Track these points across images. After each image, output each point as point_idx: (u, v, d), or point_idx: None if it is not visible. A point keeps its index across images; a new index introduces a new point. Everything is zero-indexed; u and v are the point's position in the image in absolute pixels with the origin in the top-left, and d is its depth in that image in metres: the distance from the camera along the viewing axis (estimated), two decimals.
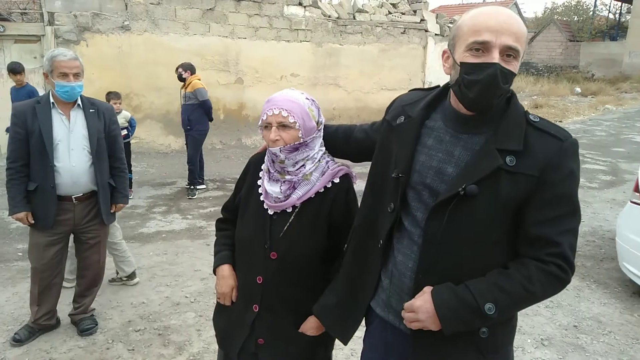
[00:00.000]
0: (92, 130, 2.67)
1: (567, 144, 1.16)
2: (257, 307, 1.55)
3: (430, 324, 1.17)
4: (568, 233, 1.17)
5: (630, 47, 23.46)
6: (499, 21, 1.10)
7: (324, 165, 1.53)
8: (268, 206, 1.53)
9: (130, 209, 5.39)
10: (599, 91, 18.75)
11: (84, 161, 2.67)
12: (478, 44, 1.10)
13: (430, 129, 1.28)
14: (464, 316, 1.15)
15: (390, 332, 1.35)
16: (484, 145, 1.17)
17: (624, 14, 29.00)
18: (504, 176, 1.13)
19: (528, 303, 1.20)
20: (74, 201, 2.69)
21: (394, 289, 1.31)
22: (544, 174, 1.13)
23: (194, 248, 4.39)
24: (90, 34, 7.73)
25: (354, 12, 10.32)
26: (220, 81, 8.91)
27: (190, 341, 2.92)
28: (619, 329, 3.19)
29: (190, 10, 8.42)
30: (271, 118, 1.44)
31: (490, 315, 1.13)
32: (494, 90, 1.12)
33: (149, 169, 7.35)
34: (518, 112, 1.20)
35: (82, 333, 2.90)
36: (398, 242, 1.30)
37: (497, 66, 1.09)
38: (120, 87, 8.04)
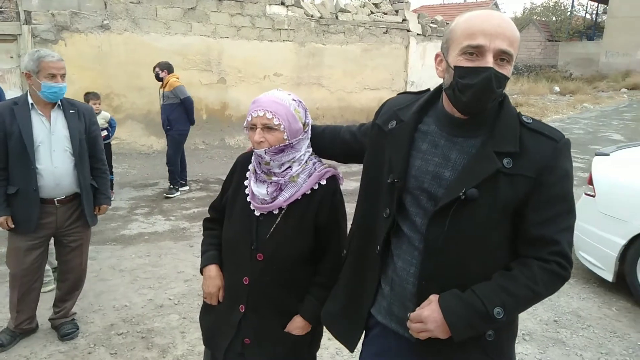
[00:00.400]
0: (73, 131, 2.63)
1: (561, 144, 1.18)
2: (243, 308, 1.55)
3: (440, 332, 1.16)
4: (566, 231, 1.19)
5: (607, 46, 24.01)
6: (494, 25, 1.10)
7: (310, 167, 1.54)
8: (255, 207, 1.53)
9: (112, 211, 5.31)
10: (576, 90, 19.14)
11: (67, 163, 2.62)
12: (472, 48, 1.11)
13: (424, 133, 1.27)
14: (473, 322, 1.15)
15: (392, 339, 1.34)
16: (481, 148, 1.18)
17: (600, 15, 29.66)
18: (502, 178, 1.14)
19: (533, 302, 1.21)
20: (56, 204, 2.64)
21: (396, 296, 1.30)
22: (541, 176, 1.15)
23: (177, 249, 4.35)
24: (69, 33, 7.59)
25: (336, 11, 10.35)
26: (202, 81, 8.85)
27: (174, 344, 2.89)
28: (598, 323, 3.27)
29: (171, 9, 8.33)
30: (256, 119, 1.44)
31: (499, 319, 1.13)
32: (489, 95, 1.12)
33: (131, 170, 7.26)
34: (511, 114, 1.21)
35: (63, 338, 2.85)
36: (397, 247, 1.29)
37: (492, 70, 1.09)
38: (100, 88, 7.93)
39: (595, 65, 24.18)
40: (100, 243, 4.42)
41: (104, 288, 3.56)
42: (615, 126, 12.20)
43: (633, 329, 3.20)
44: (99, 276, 3.74)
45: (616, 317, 3.36)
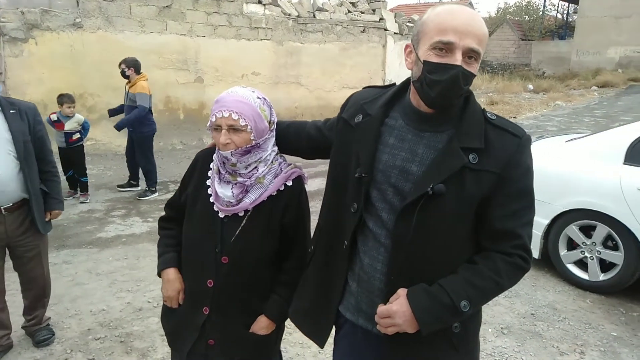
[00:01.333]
0: (16, 132, 2.41)
1: (523, 140, 1.21)
2: (207, 310, 1.52)
3: (408, 327, 1.18)
4: (527, 225, 1.24)
5: (578, 45, 24.65)
6: (465, 23, 1.12)
7: (276, 168, 1.51)
8: (219, 209, 1.48)
9: (88, 213, 5.21)
10: (549, 88, 19.57)
11: (11, 167, 2.41)
12: (442, 44, 1.12)
13: (391, 127, 1.28)
14: (441, 316, 1.18)
15: (361, 336, 1.35)
16: (448, 143, 1.19)
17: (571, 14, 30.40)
18: (468, 173, 1.17)
19: (497, 294, 1.25)
20: (2, 212, 2.44)
21: (363, 292, 1.30)
22: (505, 171, 1.18)
23: (155, 251, 4.21)
24: (40, 32, 7.39)
25: (314, 10, 10.34)
26: (179, 80, 8.73)
27: (154, 347, 2.85)
28: (573, 315, 3.35)
29: (145, 7, 8.19)
30: (221, 120, 1.39)
31: (465, 311, 1.17)
32: (456, 91, 1.15)
33: (107, 172, 7.11)
34: (476, 110, 1.24)
35: (38, 344, 2.77)
36: (363, 244, 1.29)
37: (460, 68, 1.11)
38: (73, 87, 7.75)
39: (567, 63, 24.79)
40: (76, 246, 4.32)
41: (80, 292, 3.48)
42: (586, 123, 12.52)
43: (607, 320, 3.30)
44: (75, 280, 3.66)
45: (590, 309, 3.45)
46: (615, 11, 23.34)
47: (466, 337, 1.29)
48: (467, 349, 1.31)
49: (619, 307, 3.48)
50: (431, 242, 1.20)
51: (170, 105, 8.74)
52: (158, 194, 6.03)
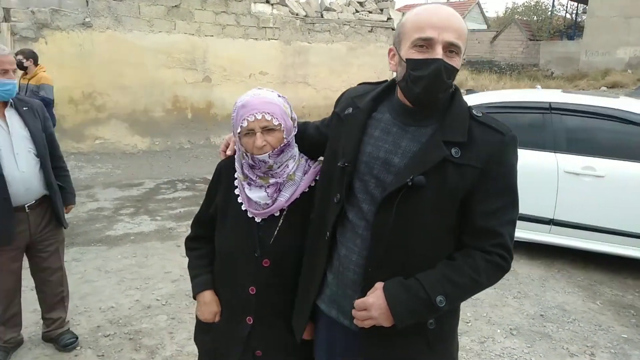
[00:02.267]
0: (34, 130, 2.45)
1: (508, 137, 1.21)
2: (251, 319, 1.48)
3: (383, 320, 1.18)
4: (509, 224, 1.23)
5: (587, 46, 24.43)
6: (441, 18, 1.14)
7: (304, 164, 1.50)
8: (254, 214, 1.45)
9: (97, 212, 5.24)
10: (558, 88, 19.42)
11: (32, 165, 2.43)
12: (422, 40, 1.14)
13: (378, 120, 1.30)
14: (416, 310, 1.17)
15: (334, 328, 1.35)
16: (431, 137, 1.21)
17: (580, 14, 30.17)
18: (450, 167, 1.17)
19: (475, 292, 1.25)
20: (27, 210, 2.46)
21: (339, 284, 1.31)
22: (488, 166, 1.18)
23: (163, 250, 4.30)
24: (50, 31, 7.45)
25: (321, 10, 10.34)
26: (187, 79, 8.77)
27: (162, 344, 2.86)
28: (583, 317, 3.32)
29: (154, 7, 8.24)
30: (253, 124, 1.37)
31: (441, 307, 1.16)
32: (439, 85, 1.16)
33: (115, 170, 7.15)
34: (462, 107, 1.24)
35: (65, 348, 2.72)
36: (341, 235, 1.30)
37: (441, 62, 1.13)
38: (82, 86, 7.83)
39: (575, 64, 24.58)
40: (85, 244, 4.35)
41: (90, 290, 3.50)
42: None
43: (617, 322, 3.27)
44: (84, 278, 3.68)
45: (600, 310, 3.42)
46: (625, 11, 23.12)
47: (441, 334, 1.28)
48: (443, 347, 1.31)
49: (629, 309, 3.45)
50: (410, 234, 1.20)
51: (178, 105, 8.78)
52: (168, 193, 6.06)
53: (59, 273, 2.76)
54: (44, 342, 2.80)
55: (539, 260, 4.27)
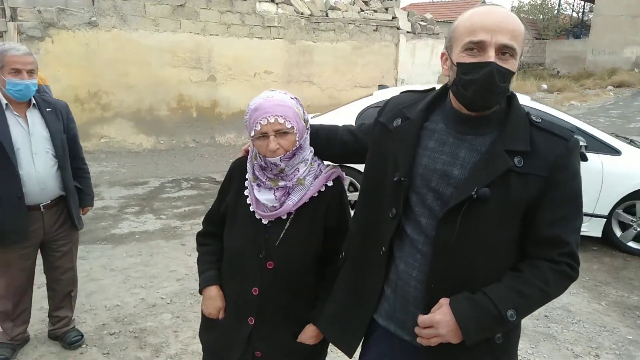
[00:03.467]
0: (54, 131, 2.46)
1: (571, 143, 1.17)
2: (252, 320, 1.49)
3: (451, 337, 1.13)
4: (575, 232, 1.18)
5: (593, 45, 24.29)
6: (495, 20, 1.10)
7: (316, 169, 1.48)
8: (261, 216, 1.46)
9: (102, 210, 5.27)
10: (564, 88, 19.34)
11: (49, 165, 2.46)
12: (473, 44, 1.10)
13: (431, 131, 1.25)
14: (486, 325, 1.13)
15: (393, 343, 1.31)
16: (491, 146, 1.16)
17: (586, 13, 29.99)
18: (513, 177, 1.13)
19: (544, 303, 1.20)
20: (42, 209, 2.49)
21: (398, 299, 1.27)
22: (553, 175, 1.14)
23: (168, 248, 4.32)
24: (56, 30, 7.49)
25: (326, 9, 10.34)
26: (192, 78, 8.79)
27: (167, 343, 2.87)
28: (587, 318, 3.31)
29: (160, 6, 8.26)
30: (266, 127, 1.36)
31: (512, 321, 1.11)
32: (492, 89, 1.11)
33: (120, 169, 7.18)
34: (520, 113, 1.20)
35: (70, 346, 2.75)
36: (398, 250, 1.26)
37: (493, 65, 1.09)
38: (88, 85, 7.87)
39: (582, 63, 24.45)
40: (91, 242, 4.37)
41: (95, 288, 3.52)
42: (602, 123, 12.35)
43: (622, 323, 3.25)
44: (90, 276, 3.71)
45: (605, 311, 3.41)
46: (632, 10, 22.96)
47: (508, 348, 1.25)
48: (507, 358, 1.27)
49: (635, 310, 3.44)
50: (474, 248, 1.15)
51: (183, 104, 8.80)
52: (172, 191, 6.08)
53: (71, 273, 2.78)
54: (50, 339, 2.82)
55: None
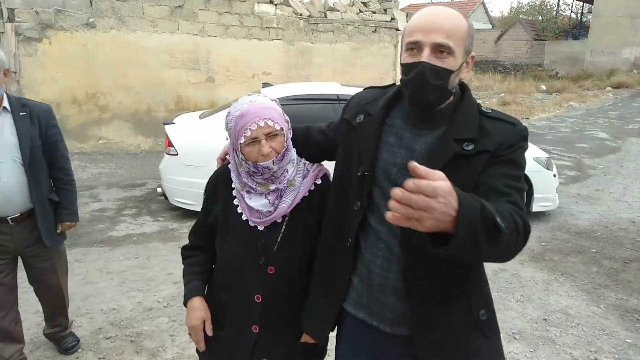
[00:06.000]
0: (23, 137, 2.23)
1: (519, 127, 1.23)
2: (257, 328, 1.47)
3: (442, 212, 0.86)
4: (516, 190, 1.15)
5: (592, 46, 24.30)
6: (431, 20, 1.16)
7: (303, 168, 1.48)
8: (256, 223, 1.44)
9: (99, 212, 5.25)
10: (563, 89, 19.35)
11: (17, 175, 2.24)
12: (412, 44, 1.17)
13: (391, 126, 1.31)
14: (480, 216, 0.93)
15: (362, 329, 1.36)
16: (442, 136, 1.22)
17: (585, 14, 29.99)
18: (461, 162, 1.18)
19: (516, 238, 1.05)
20: (10, 223, 2.28)
21: (365, 287, 1.33)
22: (498, 150, 1.19)
23: (166, 251, 4.30)
24: (54, 31, 7.46)
25: (325, 10, 10.32)
26: (190, 80, 8.77)
27: (163, 347, 2.85)
28: (586, 321, 3.30)
29: (158, 7, 8.24)
30: (257, 132, 1.34)
31: (502, 228, 0.96)
32: (424, 87, 1.17)
33: (118, 170, 7.16)
34: (471, 105, 1.26)
35: (66, 352, 2.72)
36: (364, 240, 1.32)
37: (423, 64, 1.15)
38: (86, 87, 7.85)
39: (580, 64, 24.46)
40: (87, 245, 4.35)
41: (92, 291, 3.50)
42: (600, 124, 12.35)
43: (621, 327, 3.24)
44: (87, 279, 3.69)
45: (604, 314, 3.40)
46: (631, 11, 22.98)
47: (495, 327, 1.31)
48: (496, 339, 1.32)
49: (634, 313, 3.42)
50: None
51: (182, 105, 8.78)
52: None
53: (57, 290, 2.60)
54: (46, 341, 2.80)
55: (542, 263, 4.24)
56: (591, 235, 4.98)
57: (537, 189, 5.17)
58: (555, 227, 5.18)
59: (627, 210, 5.83)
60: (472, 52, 1.24)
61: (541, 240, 4.81)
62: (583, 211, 5.75)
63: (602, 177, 7.39)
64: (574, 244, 4.71)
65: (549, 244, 4.70)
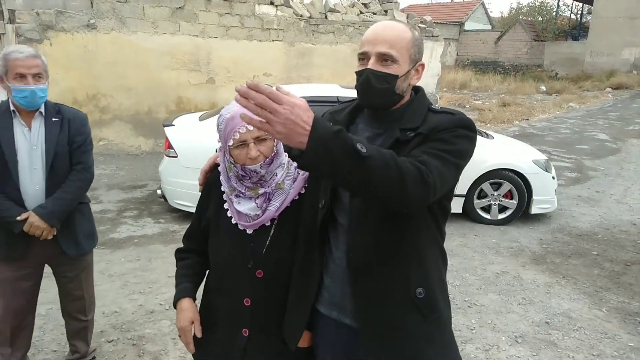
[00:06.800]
0: (49, 143, 2.20)
1: (458, 116, 1.30)
2: (247, 332, 1.48)
3: (297, 118, 0.96)
4: (432, 156, 1.17)
5: (592, 46, 24.31)
6: (376, 33, 1.30)
7: (293, 171, 1.48)
8: (245, 226, 1.45)
9: (100, 214, 5.24)
10: (562, 89, 19.36)
11: (44, 182, 2.22)
12: (361, 55, 1.32)
13: (354, 131, 1.41)
14: (335, 136, 0.99)
15: (336, 328, 1.40)
16: (389, 128, 1.33)
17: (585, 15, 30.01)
18: (401, 146, 1.26)
19: (391, 171, 1.06)
20: None
21: (335, 284, 1.38)
22: (430, 132, 1.26)
23: (167, 253, 4.29)
24: (54, 33, 7.46)
25: (325, 11, 10.32)
26: (191, 81, 8.77)
27: (166, 350, 2.85)
28: (589, 324, 3.30)
29: (159, 8, 8.24)
30: (245, 135, 1.34)
31: (363, 153, 1.00)
32: (371, 90, 1.30)
33: (119, 172, 7.16)
34: (421, 104, 1.37)
35: None
36: (334, 239, 1.39)
37: (367, 71, 1.29)
38: (87, 88, 7.84)
39: (580, 64, 24.46)
40: None
41: None
42: (600, 125, 12.36)
43: (623, 330, 3.24)
44: None
45: (606, 318, 3.40)
46: (631, 12, 22.99)
47: (434, 305, 1.33)
48: (438, 318, 1.35)
49: (636, 316, 3.42)
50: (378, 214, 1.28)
51: (182, 106, 8.77)
52: None
53: (81, 302, 2.52)
54: (48, 343, 2.80)
55: (544, 266, 4.24)
56: (592, 237, 4.99)
57: (536, 191, 5.18)
58: (556, 229, 5.18)
59: (627, 212, 5.83)
60: (422, 61, 1.36)
61: (542, 242, 4.81)
62: (584, 213, 5.75)
63: (602, 178, 7.39)
64: (575, 246, 4.72)
65: (550, 246, 4.70)
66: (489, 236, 4.91)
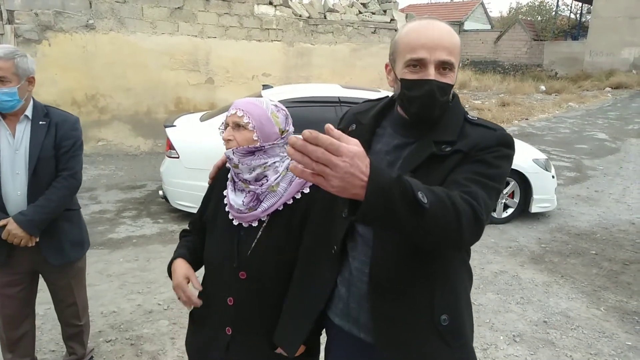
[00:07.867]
0: (33, 148, 2.11)
1: (499, 132, 1.21)
2: (230, 330, 1.48)
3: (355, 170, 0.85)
4: (477, 184, 1.11)
5: (591, 46, 24.34)
6: (432, 37, 1.16)
7: (291, 175, 1.46)
8: (233, 216, 1.46)
9: (99, 214, 5.24)
10: (562, 89, 19.36)
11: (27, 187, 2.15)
12: (414, 61, 1.17)
13: (380, 135, 1.33)
14: (394, 185, 0.91)
15: (349, 341, 1.34)
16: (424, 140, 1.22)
17: (584, 14, 30.03)
18: (436, 162, 1.18)
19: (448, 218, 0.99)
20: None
21: (352, 296, 1.30)
22: (471, 150, 1.18)
23: (166, 253, 4.29)
24: (53, 33, 7.46)
25: (324, 11, 10.33)
26: (190, 81, 8.77)
27: (164, 350, 2.85)
28: (587, 323, 3.30)
29: (157, 8, 8.24)
30: (229, 119, 1.44)
31: (422, 202, 0.93)
32: (434, 104, 1.18)
33: (118, 172, 7.16)
34: (458, 111, 1.27)
35: None
36: (353, 249, 1.31)
37: (434, 82, 1.16)
38: (85, 88, 7.85)
39: (579, 64, 24.48)
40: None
41: (92, 294, 3.47)
42: (600, 125, 12.36)
43: (621, 329, 3.24)
44: (87, 281, 3.67)
45: (604, 317, 3.40)
46: (630, 11, 23.01)
47: (459, 332, 1.26)
48: (461, 345, 1.28)
49: (633, 315, 3.43)
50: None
51: (181, 106, 8.78)
52: None
53: (74, 308, 2.48)
54: (46, 344, 2.80)
55: (542, 265, 4.24)
56: (591, 236, 4.99)
57: (536, 190, 5.18)
58: (555, 229, 5.18)
59: (626, 211, 5.83)
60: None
61: (541, 241, 4.82)
62: (583, 212, 5.76)
63: (601, 178, 7.39)
64: (574, 246, 4.72)
65: (549, 246, 4.70)
66: (488, 235, 4.91)
